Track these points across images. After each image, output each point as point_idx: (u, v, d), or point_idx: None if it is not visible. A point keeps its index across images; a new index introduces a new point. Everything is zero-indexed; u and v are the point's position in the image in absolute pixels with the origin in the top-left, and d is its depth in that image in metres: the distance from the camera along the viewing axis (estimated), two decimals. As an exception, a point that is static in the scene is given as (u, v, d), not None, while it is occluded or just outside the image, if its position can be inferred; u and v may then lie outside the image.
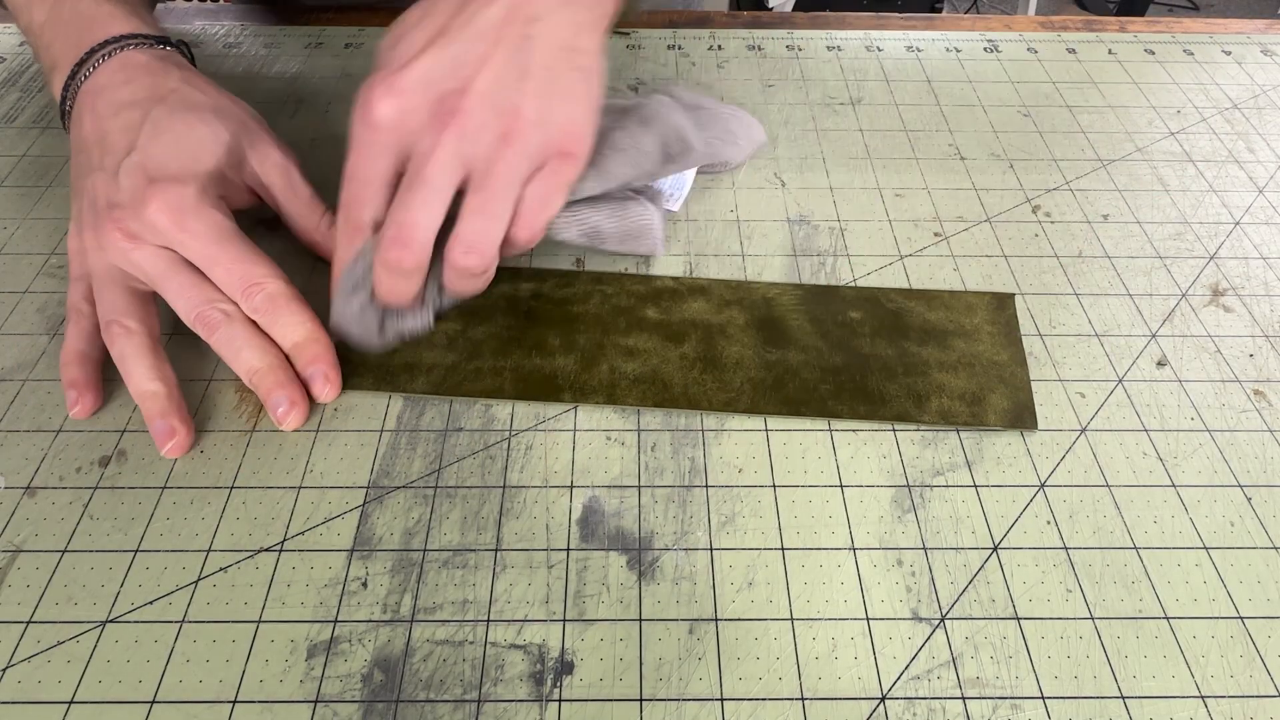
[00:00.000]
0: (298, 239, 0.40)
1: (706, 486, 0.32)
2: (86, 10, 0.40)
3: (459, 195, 0.32)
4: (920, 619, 0.28)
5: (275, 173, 0.38)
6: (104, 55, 0.38)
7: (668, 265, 0.40)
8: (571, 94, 0.32)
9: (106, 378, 0.35)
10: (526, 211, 0.33)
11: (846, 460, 0.33)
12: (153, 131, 0.35)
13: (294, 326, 0.34)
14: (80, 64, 0.39)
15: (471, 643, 0.28)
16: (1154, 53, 0.56)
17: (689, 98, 0.43)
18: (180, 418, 0.33)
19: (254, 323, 0.34)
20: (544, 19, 0.32)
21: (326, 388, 0.34)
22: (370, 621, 0.28)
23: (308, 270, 0.40)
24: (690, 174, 0.43)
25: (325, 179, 0.45)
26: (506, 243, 0.34)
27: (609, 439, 0.33)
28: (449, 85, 0.31)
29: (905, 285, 0.40)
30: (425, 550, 0.30)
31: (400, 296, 0.34)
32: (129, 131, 0.36)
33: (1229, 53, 0.56)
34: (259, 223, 0.40)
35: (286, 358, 0.34)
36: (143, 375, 0.33)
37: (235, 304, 0.34)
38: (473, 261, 0.33)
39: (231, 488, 0.32)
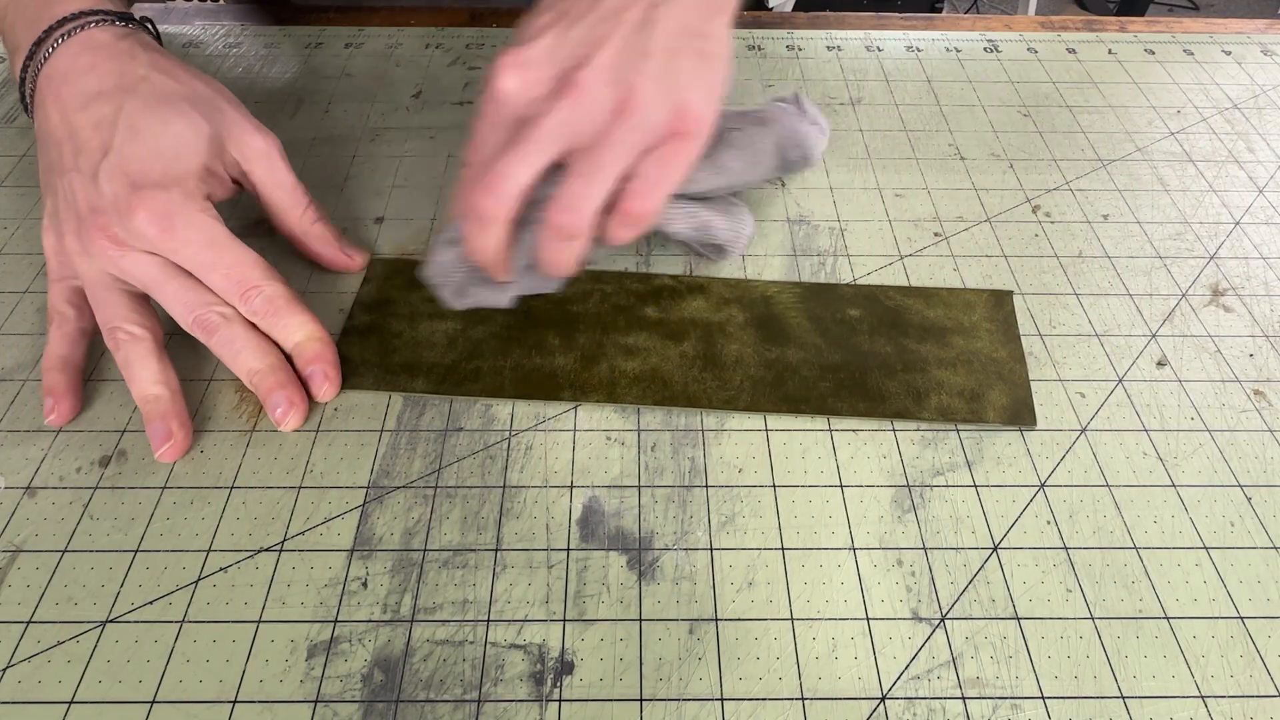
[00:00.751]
0: (278, 230, 0.39)
1: (706, 486, 0.32)
2: None
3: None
4: (920, 619, 0.28)
5: (256, 159, 0.37)
6: (63, 35, 0.36)
7: (668, 266, 0.40)
8: (692, 76, 0.32)
9: (105, 378, 0.35)
10: (640, 185, 0.32)
11: (846, 460, 0.33)
12: (129, 130, 0.34)
13: (295, 328, 0.34)
14: (39, 44, 0.36)
15: (471, 643, 0.28)
16: (1154, 53, 0.56)
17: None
18: (179, 421, 0.33)
19: (252, 324, 0.34)
20: (669, 3, 0.32)
21: (325, 385, 0.34)
22: (370, 621, 0.28)
23: (306, 274, 0.40)
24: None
25: (325, 178, 0.45)
26: (620, 216, 0.33)
27: (609, 439, 0.33)
28: (570, 63, 0.31)
29: (905, 285, 0.40)
30: (425, 550, 0.30)
31: (482, 250, 0.34)
32: (101, 128, 0.34)
33: (1229, 53, 0.56)
34: (256, 223, 0.40)
35: (287, 358, 0.34)
36: (147, 379, 0.33)
37: (233, 306, 0.34)
38: (566, 220, 0.32)
39: (231, 488, 0.32)
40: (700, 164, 0.35)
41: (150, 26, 0.41)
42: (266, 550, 0.30)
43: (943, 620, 0.28)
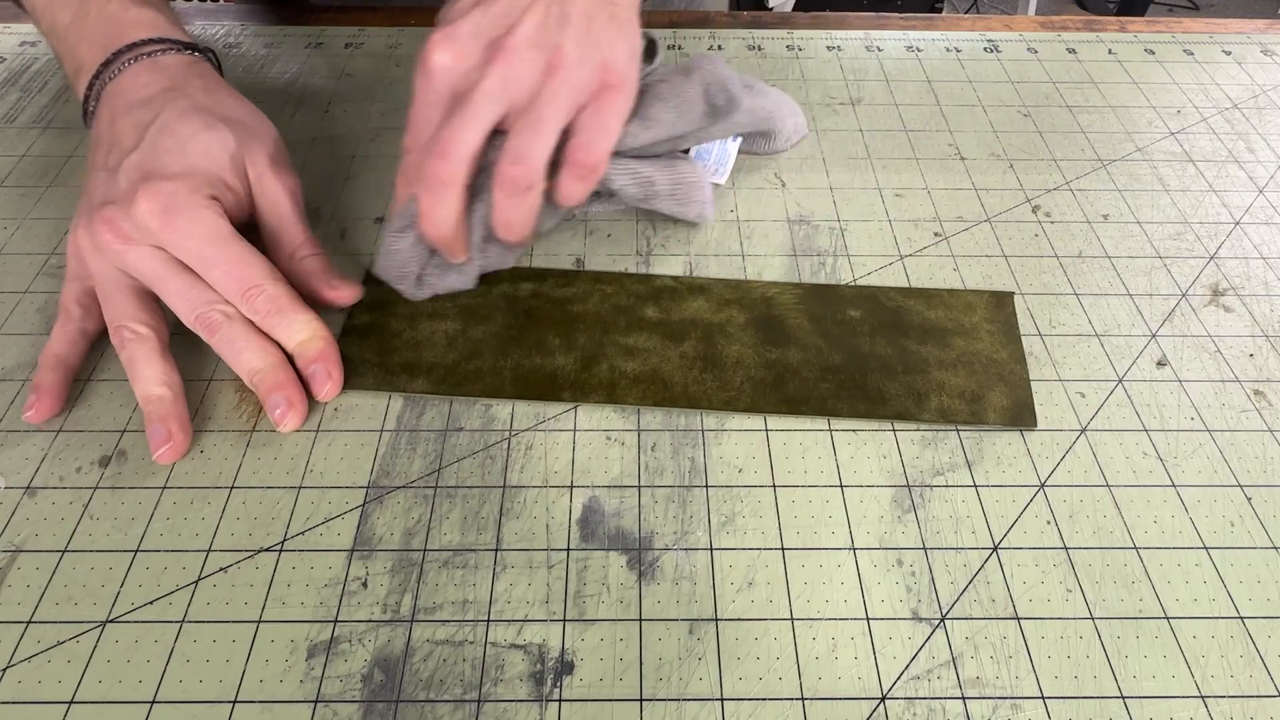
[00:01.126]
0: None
1: (706, 486, 0.32)
2: (115, 13, 0.40)
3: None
4: (920, 619, 0.28)
5: (265, 193, 0.37)
6: (131, 59, 0.38)
7: (668, 265, 0.40)
8: (610, 37, 0.35)
9: (104, 377, 0.35)
10: (582, 138, 0.35)
11: (846, 460, 0.33)
12: (159, 130, 0.35)
13: (298, 327, 0.34)
14: (106, 65, 0.38)
15: (471, 643, 0.28)
16: (1154, 53, 0.56)
17: (737, 74, 0.43)
18: (179, 424, 0.33)
19: (254, 324, 0.34)
20: None
21: (328, 385, 0.34)
22: (370, 621, 0.28)
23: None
24: (733, 145, 0.43)
25: (325, 178, 0.45)
26: (569, 170, 0.35)
27: (609, 439, 0.33)
28: (496, 33, 0.34)
29: (905, 285, 0.40)
30: (425, 550, 0.30)
31: (441, 223, 0.34)
32: (136, 130, 0.36)
33: (1229, 53, 0.56)
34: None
35: (289, 358, 0.34)
36: (149, 379, 0.33)
37: (234, 305, 0.34)
38: (519, 172, 0.34)
39: (231, 488, 0.32)
40: (631, 120, 0.37)
41: (213, 57, 0.43)
42: (266, 550, 0.30)
43: (943, 620, 0.28)
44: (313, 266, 0.38)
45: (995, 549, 0.30)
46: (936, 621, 0.28)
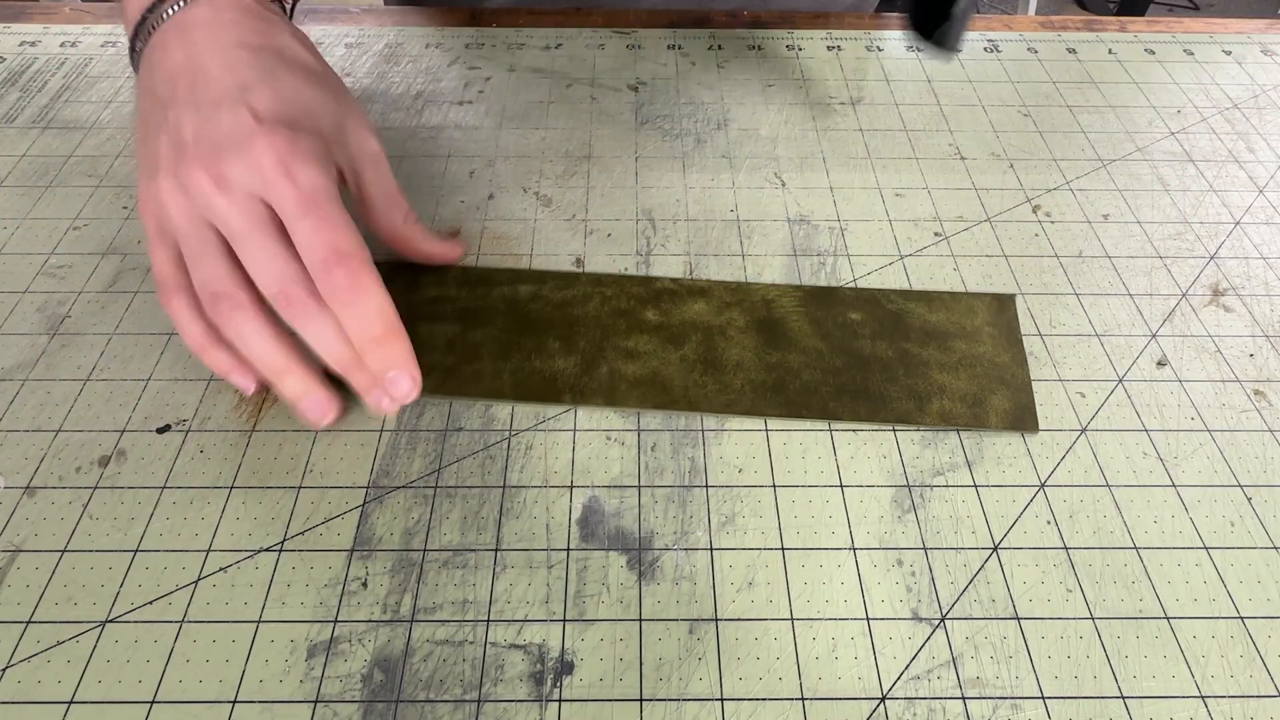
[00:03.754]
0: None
1: (706, 486, 0.32)
2: None
3: None
4: (920, 619, 0.28)
5: (369, 160, 0.36)
6: None
7: (668, 265, 0.40)
8: None
9: (104, 377, 0.35)
10: None
11: (846, 460, 0.33)
12: (267, 75, 0.33)
13: (372, 317, 0.32)
14: None
15: (471, 643, 0.28)
16: (1154, 53, 0.56)
17: None
18: (320, 384, 0.32)
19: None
20: None
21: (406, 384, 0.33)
22: (370, 621, 0.28)
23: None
24: None
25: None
26: None
27: (609, 439, 0.33)
28: None
29: (905, 285, 0.40)
30: (425, 550, 0.30)
31: None
32: (235, 70, 0.32)
33: (1229, 53, 0.56)
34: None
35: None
36: (269, 352, 0.31)
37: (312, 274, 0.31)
38: None
39: (231, 488, 0.32)
40: None
41: (284, 2, 0.40)
42: (266, 550, 0.30)
43: (943, 620, 0.28)
44: (424, 232, 0.39)
45: (995, 549, 0.30)
46: (936, 621, 0.28)
